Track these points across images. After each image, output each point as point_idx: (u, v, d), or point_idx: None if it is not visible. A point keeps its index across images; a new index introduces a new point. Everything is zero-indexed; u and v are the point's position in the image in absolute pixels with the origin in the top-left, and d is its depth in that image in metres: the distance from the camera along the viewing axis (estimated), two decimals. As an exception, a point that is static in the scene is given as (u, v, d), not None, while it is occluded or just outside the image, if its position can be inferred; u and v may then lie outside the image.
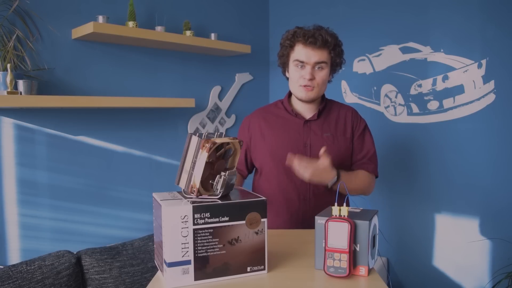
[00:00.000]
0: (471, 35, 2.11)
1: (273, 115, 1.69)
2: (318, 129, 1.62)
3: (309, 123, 1.63)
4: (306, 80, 1.53)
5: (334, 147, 1.59)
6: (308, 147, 1.60)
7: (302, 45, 1.53)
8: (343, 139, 1.62)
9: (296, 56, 1.55)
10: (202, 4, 2.61)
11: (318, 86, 1.55)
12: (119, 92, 2.25)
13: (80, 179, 2.12)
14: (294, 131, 1.62)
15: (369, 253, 1.00)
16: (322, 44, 1.51)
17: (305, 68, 1.54)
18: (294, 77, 1.58)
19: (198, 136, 1.01)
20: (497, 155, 2.07)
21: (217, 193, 1.01)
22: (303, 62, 1.53)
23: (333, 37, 1.54)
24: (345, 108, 1.69)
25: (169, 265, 0.93)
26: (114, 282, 1.93)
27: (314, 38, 1.50)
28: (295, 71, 1.57)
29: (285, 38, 1.59)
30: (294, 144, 1.60)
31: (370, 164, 1.66)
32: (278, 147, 1.62)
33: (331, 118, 1.65)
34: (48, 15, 1.98)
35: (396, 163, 2.43)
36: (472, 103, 2.13)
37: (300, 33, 1.53)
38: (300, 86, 1.56)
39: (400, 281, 2.45)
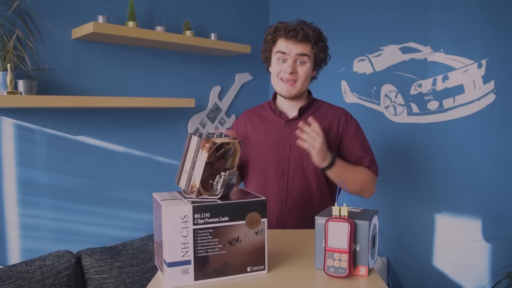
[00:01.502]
0: (471, 35, 2.11)
1: (258, 116, 1.67)
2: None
3: (291, 123, 1.58)
4: (287, 74, 1.50)
5: None
6: (288, 149, 1.56)
7: (283, 39, 1.51)
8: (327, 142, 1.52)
9: (278, 48, 1.52)
10: (202, 4, 2.61)
11: (301, 80, 1.52)
12: (119, 92, 2.25)
13: (80, 179, 2.12)
14: (275, 132, 1.59)
15: (369, 253, 1.00)
16: (304, 38, 1.49)
17: (287, 62, 1.51)
18: (275, 71, 1.55)
19: (198, 136, 1.01)
20: (497, 155, 2.07)
21: (217, 193, 1.01)
22: (284, 53, 1.50)
23: (316, 32, 1.52)
24: (334, 110, 1.63)
25: (169, 265, 0.93)
26: (114, 282, 1.93)
27: (296, 31, 1.48)
28: (277, 64, 1.54)
29: (267, 33, 1.57)
30: (275, 145, 1.57)
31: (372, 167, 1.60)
32: (260, 149, 1.59)
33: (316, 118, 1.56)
34: (48, 15, 1.98)
35: (396, 163, 2.43)
36: (472, 103, 2.13)
37: (282, 27, 1.51)
38: (281, 81, 1.53)
39: (400, 281, 2.45)
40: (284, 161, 1.56)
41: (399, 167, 2.42)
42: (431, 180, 2.30)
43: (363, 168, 1.58)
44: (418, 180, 2.35)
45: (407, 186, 2.40)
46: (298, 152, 1.54)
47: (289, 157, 1.55)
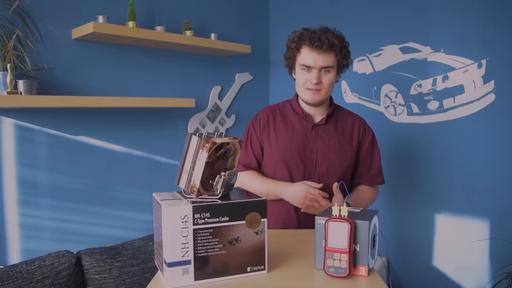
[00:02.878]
0: (471, 35, 2.11)
1: (280, 116, 1.67)
2: (326, 134, 1.60)
3: (317, 128, 1.61)
4: (313, 84, 1.52)
5: (340, 155, 1.59)
6: (315, 153, 1.59)
7: (308, 48, 1.51)
8: (350, 148, 1.61)
9: (302, 60, 1.53)
10: (202, 4, 2.61)
11: (325, 89, 1.54)
12: (119, 92, 2.25)
13: (80, 179, 2.12)
14: (301, 135, 1.61)
15: (369, 253, 1.00)
16: (329, 47, 1.49)
17: (312, 72, 1.52)
18: (300, 81, 1.56)
19: (198, 136, 1.01)
20: (497, 155, 2.07)
21: (217, 193, 1.01)
22: (310, 66, 1.51)
23: (340, 39, 1.52)
24: (353, 117, 1.68)
25: (169, 265, 0.93)
26: (114, 282, 1.93)
27: (321, 41, 1.48)
28: (302, 74, 1.55)
29: (292, 40, 1.56)
30: (302, 148, 1.59)
31: (380, 176, 1.68)
32: (285, 150, 1.60)
33: (339, 125, 1.64)
34: (48, 15, 1.98)
35: (396, 163, 2.43)
36: (472, 103, 2.13)
37: (307, 36, 1.51)
38: (307, 90, 1.54)
39: (400, 281, 2.45)
40: (311, 165, 1.58)
41: (399, 167, 2.42)
42: (431, 180, 2.30)
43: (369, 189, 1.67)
44: (418, 180, 2.35)
45: (407, 186, 2.40)
46: (324, 156, 1.59)
47: (316, 161, 1.58)
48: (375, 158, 1.67)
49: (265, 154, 1.66)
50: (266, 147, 1.65)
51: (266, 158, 1.66)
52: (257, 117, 1.71)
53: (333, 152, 1.58)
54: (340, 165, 1.59)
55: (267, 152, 1.65)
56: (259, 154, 1.67)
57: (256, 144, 1.67)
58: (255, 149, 1.67)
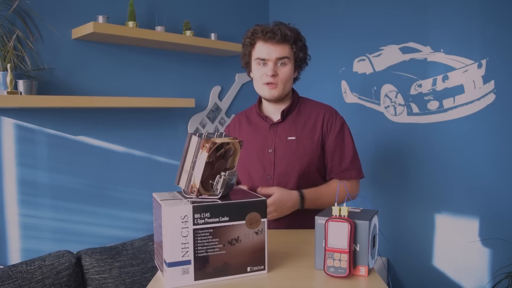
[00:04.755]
0: (471, 35, 2.11)
1: (246, 120, 1.67)
2: (284, 132, 1.56)
3: (275, 126, 1.57)
4: (269, 77, 1.49)
5: (298, 151, 1.53)
6: (273, 153, 1.54)
7: (262, 41, 1.50)
8: (309, 143, 1.54)
9: (257, 54, 1.51)
10: (202, 4, 2.61)
11: (283, 82, 1.51)
12: (119, 92, 2.25)
13: (80, 179, 2.12)
14: (261, 136, 1.58)
15: (369, 253, 1.00)
16: (282, 38, 1.48)
17: (267, 65, 1.50)
18: (256, 75, 1.54)
19: (198, 136, 1.01)
20: (497, 155, 2.07)
21: (217, 193, 1.01)
22: (265, 59, 1.49)
23: (294, 32, 1.51)
24: (319, 108, 1.60)
25: (169, 265, 0.93)
26: (114, 282, 1.93)
27: (273, 33, 1.47)
28: (257, 69, 1.53)
29: (245, 37, 1.55)
30: (260, 149, 1.57)
31: (353, 170, 1.55)
32: (246, 154, 1.57)
33: (300, 120, 1.57)
34: (48, 15, 1.98)
35: (396, 163, 2.43)
36: (472, 103, 2.13)
37: (259, 29, 1.50)
38: (264, 85, 1.52)
39: (400, 281, 2.45)
40: (269, 165, 1.55)
41: (399, 167, 2.42)
42: (431, 180, 2.30)
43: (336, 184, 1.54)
44: (418, 180, 2.35)
45: (407, 186, 2.40)
46: (282, 155, 1.54)
47: (274, 161, 1.54)
48: (346, 150, 1.55)
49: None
50: None
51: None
52: (228, 126, 1.73)
53: (290, 149, 1.53)
54: (298, 162, 1.52)
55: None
56: None
57: None
58: None
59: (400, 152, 2.42)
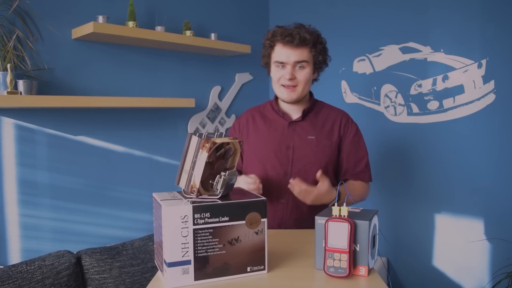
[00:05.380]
0: (471, 35, 2.11)
1: (260, 116, 1.67)
2: (303, 131, 1.59)
3: (294, 125, 1.60)
4: (287, 80, 1.51)
5: (318, 151, 1.56)
6: (291, 150, 1.57)
7: (281, 44, 1.51)
8: (328, 143, 1.58)
9: (276, 56, 1.53)
10: (202, 4, 2.61)
11: (301, 85, 1.53)
12: (119, 92, 2.25)
13: (80, 179, 2.12)
14: (278, 132, 1.60)
15: (369, 253, 1.00)
16: (301, 42, 1.49)
17: (286, 68, 1.52)
18: (275, 77, 1.56)
19: (198, 136, 1.01)
20: (497, 155, 2.07)
21: (217, 193, 1.01)
22: (283, 62, 1.51)
23: (313, 35, 1.51)
24: (335, 112, 1.65)
25: (169, 265, 0.93)
26: (114, 282, 1.93)
27: (292, 36, 1.48)
28: (276, 71, 1.55)
29: (266, 38, 1.57)
30: (278, 146, 1.58)
31: (366, 172, 1.63)
32: (262, 148, 1.60)
33: (318, 120, 1.61)
34: (48, 15, 1.98)
35: (396, 163, 2.43)
36: (472, 103, 2.13)
37: (279, 32, 1.51)
38: (281, 86, 1.54)
39: (400, 281, 2.45)
40: (287, 162, 1.57)
41: (399, 167, 2.42)
42: (431, 180, 2.30)
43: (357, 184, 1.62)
44: (418, 180, 2.35)
45: (407, 186, 2.40)
46: (301, 153, 1.56)
47: (292, 158, 1.56)
48: (360, 154, 1.62)
49: (244, 155, 1.67)
50: (245, 148, 1.66)
51: (246, 159, 1.67)
52: (239, 119, 1.73)
53: (310, 148, 1.56)
54: (317, 162, 1.55)
55: (246, 153, 1.66)
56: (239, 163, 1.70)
57: None
58: None
59: (400, 152, 2.42)
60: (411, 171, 2.38)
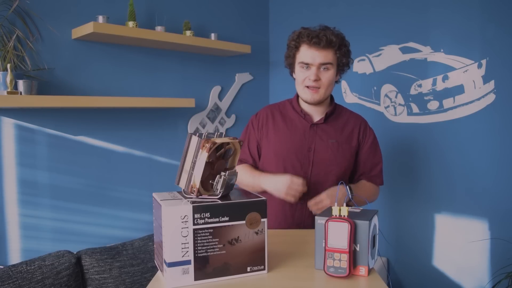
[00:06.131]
0: (471, 35, 2.11)
1: (280, 114, 1.68)
2: (324, 134, 1.60)
3: (315, 127, 1.61)
4: (311, 81, 1.52)
5: (338, 155, 1.58)
6: (312, 152, 1.58)
7: (306, 45, 1.52)
8: (348, 147, 1.61)
9: (301, 57, 1.54)
10: (202, 4, 2.61)
11: (324, 87, 1.54)
12: (119, 92, 2.25)
13: (80, 179, 2.12)
14: (299, 133, 1.61)
15: (369, 253, 1.00)
16: (327, 44, 1.50)
17: (310, 69, 1.53)
18: (299, 78, 1.57)
19: (198, 136, 1.01)
20: (497, 155, 2.07)
21: (217, 193, 1.01)
22: (308, 63, 1.52)
23: (339, 37, 1.53)
24: (354, 117, 1.68)
25: (169, 265, 0.93)
26: (114, 282, 1.93)
27: (318, 38, 1.49)
28: (301, 72, 1.56)
29: (291, 39, 1.58)
30: (299, 147, 1.59)
31: (379, 177, 1.68)
32: (282, 148, 1.61)
33: (339, 124, 1.63)
34: (48, 15, 1.98)
35: (396, 163, 2.43)
36: (472, 103, 2.13)
37: (305, 33, 1.52)
38: (305, 88, 1.55)
39: (400, 281, 2.45)
40: (307, 164, 1.58)
41: (399, 167, 2.42)
42: (431, 180, 2.30)
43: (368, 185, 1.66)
44: (418, 180, 2.35)
45: (407, 186, 2.40)
46: (322, 156, 1.58)
47: (313, 160, 1.58)
48: (377, 160, 1.68)
49: (262, 152, 1.67)
50: (264, 145, 1.66)
51: (263, 156, 1.67)
52: (257, 115, 1.72)
53: (331, 151, 1.58)
54: (337, 165, 1.58)
55: (264, 150, 1.66)
56: (255, 153, 1.68)
57: (253, 142, 1.68)
58: (251, 147, 1.69)
59: (400, 152, 2.42)
60: (411, 171, 2.38)
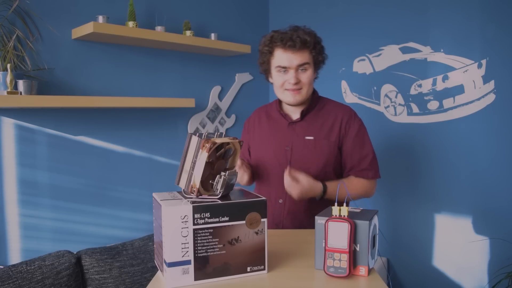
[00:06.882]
0: (471, 35, 2.11)
1: (266, 115, 1.70)
2: (302, 131, 1.58)
3: (293, 125, 1.60)
4: (292, 84, 1.50)
5: (315, 152, 1.55)
6: (289, 150, 1.57)
7: (281, 49, 1.50)
8: (327, 143, 1.55)
9: (278, 62, 1.51)
10: (202, 4, 2.61)
11: (306, 87, 1.53)
12: (119, 92, 2.25)
13: (80, 179, 2.12)
14: (280, 133, 1.61)
15: (369, 253, 1.00)
16: (302, 45, 1.48)
17: (289, 72, 1.51)
18: (278, 83, 1.54)
19: (198, 136, 1.01)
20: (497, 155, 2.07)
21: (217, 193, 1.01)
22: (286, 67, 1.50)
23: (312, 36, 1.51)
24: (337, 109, 1.62)
25: (169, 265, 0.93)
26: (114, 282, 1.93)
27: (293, 40, 1.47)
28: (279, 76, 1.53)
29: (263, 44, 1.55)
30: (278, 146, 1.59)
31: (370, 170, 1.58)
32: (263, 148, 1.63)
33: (318, 120, 1.59)
34: (48, 15, 1.98)
35: (396, 163, 2.43)
36: (472, 103, 2.13)
37: (278, 37, 1.49)
38: (286, 91, 1.53)
39: (400, 281, 2.45)
40: (285, 162, 1.57)
41: (399, 167, 2.42)
42: (431, 180, 2.30)
43: (355, 180, 1.58)
44: (418, 180, 2.35)
45: (407, 186, 2.40)
46: (299, 154, 1.56)
47: (291, 158, 1.56)
48: (365, 151, 1.58)
49: (251, 153, 1.71)
50: (252, 147, 1.70)
51: (252, 157, 1.71)
52: (249, 119, 1.77)
53: (308, 149, 1.56)
54: (315, 162, 1.54)
55: (253, 151, 1.70)
56: (247, 156, 1.74)
57: (245, 145, 1.73)
58: (243, 150, 1.74)
59: (400, 153, 2.42)
60: (411, 171, 2.38)
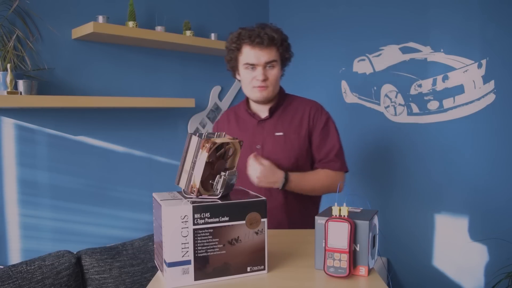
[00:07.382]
0: (471, 35, 2.11)
1: (234, 116, 1.70)
2: (271, 128, 1.60)
3: (262, 123, 1.61)
4: (259, 81, 1.52)
5: (286, 147, 1.57)
6: (260, 149, 1.58)
7: (249, 46, 1.51)
8: (297, 138, 1.58)
9: (245, 59, 1.53)
10: (202, 4, 2.61)
11: (272, 84, 1.54)
12: (119, 92, 2.25)
13: (80, 179, 2.12)
14: (249, 132, 1.62)
15: (369, 253, 1.00)
16: (269, 42, 1.49)
17: (256, 69, 1.52)
18: (246, 80, 1.56)
19: (198, 136, 1.01)
20: (497, 155, 2.07)
21: (217, 193, 1.01)
22: (254, 64, 1.51)
23: (279, 33, 1.52)
24: (304, 104, 1.63)
25: (169, 265, 0.93)
26: (114, 282, 1.93)
27: (260, 37, 1.48)
28: (246, 73, 1.55)
29: (230, 41, 1.56)
30: (248, 145, 1.59)
31: (336, 162, 1.59)
32: None
33: (286, 116, 1.61)
34: (48, 15, 1.98)
35: (395, 163, 2.43)
36: (472, 103, 2.13)
37: (245, 34, 1.50)
38: (254, 88, 1.54)
39: (400, 281, 2.45)
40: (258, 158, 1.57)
41: (399, 167, 2.42)
42: (431, 180, 2.30)
43: (322, 172, 1.60)
44: (418, 180, 2.35)
45: (407, 186, 2.40)
46: (270, 150, 1.57)
47: (262, 156, 1.57)
48: (331, 144, 1.60)
49: None
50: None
51: None
52: (217, 121, 1.77)
53: (279, 145, 1.57)
54: (286, 158, 1.56)
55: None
56: None
57: None
58: None
59: (400, 152, 2.42)
60: (411, 171, 2.38)
